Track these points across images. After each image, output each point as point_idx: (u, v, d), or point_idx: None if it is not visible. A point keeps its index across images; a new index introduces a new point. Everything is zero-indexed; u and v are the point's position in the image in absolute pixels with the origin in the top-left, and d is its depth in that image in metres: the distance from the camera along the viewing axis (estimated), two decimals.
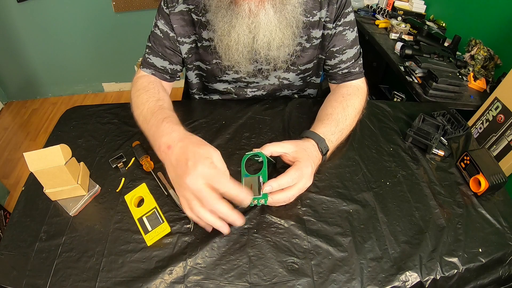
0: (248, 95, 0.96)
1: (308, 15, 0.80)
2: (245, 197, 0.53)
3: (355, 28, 0.86)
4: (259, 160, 0.63)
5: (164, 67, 0.85)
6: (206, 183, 0.51)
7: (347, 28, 0.84)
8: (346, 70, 0.88)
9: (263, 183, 0.60)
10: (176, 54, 0.85)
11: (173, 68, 0.87)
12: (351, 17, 0.84)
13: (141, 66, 0.86)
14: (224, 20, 0.70)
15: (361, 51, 0.90)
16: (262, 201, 0.60)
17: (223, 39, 0.73)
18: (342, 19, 0.83)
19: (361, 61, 0.89)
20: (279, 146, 0.65)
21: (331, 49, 0.86)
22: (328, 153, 0.73)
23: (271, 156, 0.66)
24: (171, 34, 0.82)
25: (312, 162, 0.65)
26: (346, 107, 0.79)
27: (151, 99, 0.74)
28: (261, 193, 0.59)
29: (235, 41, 0.72)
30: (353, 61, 0.87)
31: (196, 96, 1.01)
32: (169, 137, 0.60)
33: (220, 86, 0.94)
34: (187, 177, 0.52)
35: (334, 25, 0.83)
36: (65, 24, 2.27)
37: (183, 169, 0.53)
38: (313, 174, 0.68)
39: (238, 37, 0.71)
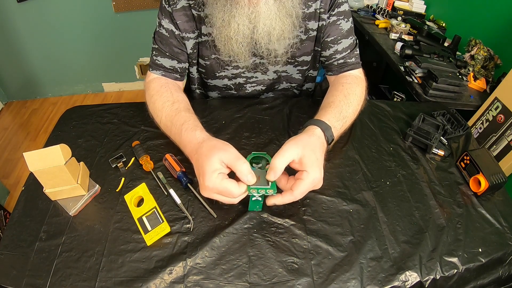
0: (248, 90, 0.95)
1: (304, 7, 0.80)
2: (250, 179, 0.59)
3: (350, 19, 0.85)
4: (258, 167, 0.63)
5: (173, 66, 0.85)
6: (217, 190, 0.59)
7: (341, 18, 0.83)
8: (341, 61, 0.87)
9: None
10: (183, 52, 0.85)
11: (182, 67, 0.87)
12: (345, 7, 0.83)
13: (150, 68, 0.86)
14: (224, 10, 0.70)
15: (357, 41, 0.89)
16: (271, 192, 0.59)
17: (222, 30, 0.73)
18: (336, 8, 0.82)
19: (358, 52, 0.88)
20: (284, 157, 0.59)
21: (326, 39, 0.85)
22: (332, 143, 0.71)
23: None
24: (177, 32, 0.81)
25: (320, 162, 0.61)
26: (347, 95, 0.78)
27: (166, 104, 0.76)
28: (269, 184, 0.59)
29: (235, 31, 0.72)
30: (348, 51, 0.86)
31: (198, 91, 1.01)
32: (188, 149, 0.68)
33: (219, 83, 0.94)
34: (202, 189, 0.62)
35: (328, 15, 0.82)
36: (65, 24, 2.27)
37: (200, 181, 0.62)
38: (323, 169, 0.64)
39: (238, 27, 0.71)
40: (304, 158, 0.60)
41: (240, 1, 0.68)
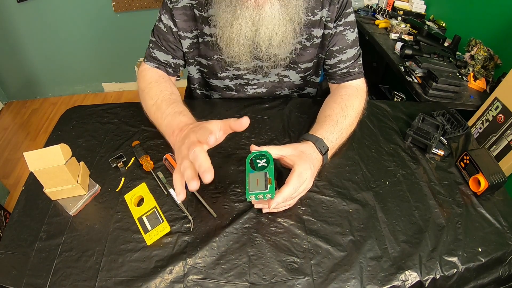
0: (249, 92, 0.96)
1: (310, 14, 0.80)
2: (204, 169, 0.54)
3: (356, 29, 0.86)
4: (260, 165, 0.63)
5: (167, 61, 0.86)
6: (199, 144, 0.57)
7: (347, 28, 0.84)
8: (345, 70, 0.88)
9: (270, 178, 0.60)
10: (179, 49, 0.86)
11: (176, 63, 0.88)
12: (352, 17, 0.85)
13: (145, 60, 0.87)
14: (228, 10, 0.70)
15: (361, 51, 0.90)
16: (269, 196, 0.58)
17: (225, 30, 0.73)
18: (343, 19, 0.83)
19: (361, 61, 0.90)
20: (276, 149, 0.65)
21: (331, 48, 0.86)
22: (329, 153, 0.73)
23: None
24: (174, 29, 0.82)
25: (311, 164, 0.65)
26: (345, 108, 0.79)
27: (165, 91, 0.78)
28: (268, 187, 0.58)
29: (237, 32, 0.72)
30: (352, 61, 0.87)
31: (198, 91, 1.01)
32: (184, 124, 0.67)
33: (220, 83, 0.94)
34: (188, 137, 0.59)
35: (335, 25, 0.83)
36: (65, 24, 2.27)
37: (187, 137, 0.60)
38: (314, 176, 0.68)
39: (240, 29, 0.71)
40: (294, 156, 0.65)
41: (245, 2, 0.67)
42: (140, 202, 0.67)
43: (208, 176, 0.52)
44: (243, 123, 0.57)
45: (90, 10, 2.23)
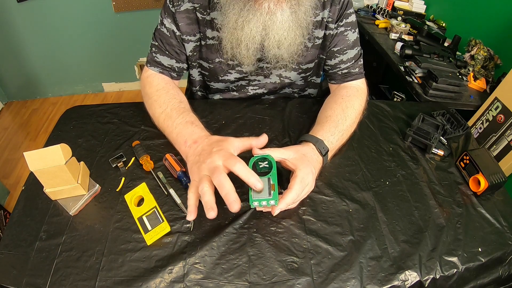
0: (249, 92, 0.96)
1: (312, 15, 0.80)
2: (255, 180, 0.56)
3: (357, 29, 0.86)
4: (261, 166, 0.63)
5: (171, 65, 0.86)
6: (223, 165, 0.58)
7: (348, 28, 0.84)
8: (345, 71, 0.88)
9: (273, 184, 0.60)
10: (182, 53, 0.86)
11: (180, 66, 0.88)
12: (353, 18, 0.85)
13: (148, 65, 0.86)
14: (240, 14, 0.70)
15: (362, 52, 0.90)
16: (272, 202, 0.58)
17: (234, 32, 0.73)
18: (344, 19, 0.83)
19: (361, 62, 0.90)
20: (278, 152, 0.65)
21: (332, 49, 0.86)
22: (329, 154, 0.73)
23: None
24: (178, 33, 0.82)
25: (312, 167, 0.65)
26: (345, 108, 0.79)
27: (174, 100, 0.78)
28: (271, 194, 0.58)
29: (246, 35, 0.72)
30: (353, 61, 0.87)
31: (199, 93, 1.01)
32: (198, 135, 0.68)
33: (221, 85, 0.94)
34: (211, 157, 0.59)
35: (336, 26, 0.83)
36: (65, 24, 2.27)
37: (207, 154, 0.61)
38: (315, 178, 0.68)
39: (250, 32, 0.71)
40: (296, 160, 0.64)
41: (259, 8, 0.67)
42: (140, 202, 0.67)
43: (236, 207, 0.54)
44: (263, 141, 0.64)
45: (90, 10, 2.23)
